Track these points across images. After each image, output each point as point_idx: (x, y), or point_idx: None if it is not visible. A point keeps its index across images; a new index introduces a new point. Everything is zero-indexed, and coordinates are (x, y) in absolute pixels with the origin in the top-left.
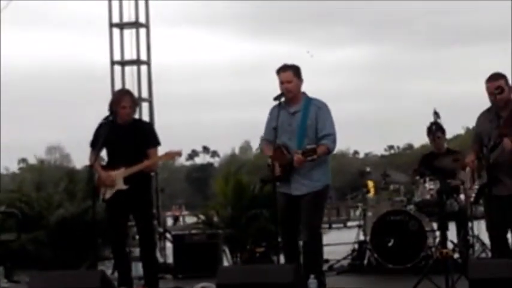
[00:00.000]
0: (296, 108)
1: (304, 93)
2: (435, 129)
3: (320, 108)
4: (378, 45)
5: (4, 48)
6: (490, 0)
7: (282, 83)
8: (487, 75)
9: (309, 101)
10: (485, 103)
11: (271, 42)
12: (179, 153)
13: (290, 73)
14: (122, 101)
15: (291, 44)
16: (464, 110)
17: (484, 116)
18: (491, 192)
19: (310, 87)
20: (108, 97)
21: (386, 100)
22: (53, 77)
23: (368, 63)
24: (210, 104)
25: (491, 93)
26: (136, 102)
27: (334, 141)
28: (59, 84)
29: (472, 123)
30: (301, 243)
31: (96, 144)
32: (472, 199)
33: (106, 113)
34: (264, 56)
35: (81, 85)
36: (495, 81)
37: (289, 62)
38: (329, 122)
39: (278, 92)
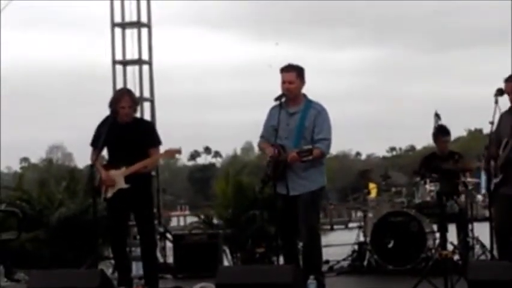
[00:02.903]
0: (295, 109)
1: (304, 96)
2: (442, 133)
3: (320, 113)
4: (381, 47)
5: (6, 48)
6: (493, 1)
7: (283, 82)
8: (489, 77)
9: (309, 103)
10: (488, 105)
11: (273, 43)
12: (179, 151)
13: (293, 74)
14: (121, 101)
15: (295, 46)
16: (466, 111)
17: (503, 117)
18: (501, 191)
19: (313, 88)
20: (110, 97)
21: (389, 102)
22: (55, 77)
23: (371, 65)
24: (212, 104)
25: (508, 93)
26: (136, 101)
27: (328, 146)
28: (61, 84)
29: (473, 125)
30: (300, 244)
31: (96, 143)
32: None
33: (107, 112)
34: (267, 57)
35: (83, 84)
36: None
37: (289, 62)
38: (326, 127)
39: (279, 92)
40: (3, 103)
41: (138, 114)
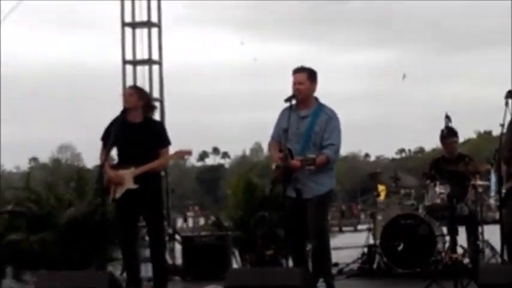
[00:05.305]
0: (306, 112)
1: (316, 99)
2: (449, 134)
3: (331, 119)
4: (391, 49)
5: (16, 48)
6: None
7: (294, 84)
8: (499, 79)
9: (321, 108)
10: (498, 107)
11: (285, 44)
12: (189, 153)
13: (304, 75)
14: (125, 93)
15: (306, 46)
16: (475, 114)
17: None
18: None
19: (322, 89)
20: (119, 97)
21: (398, 104)
22: (64, 76)
23: (381, 67)
24: (221, 105)
25: None
26: (145, 96)
27: (336, 152)
28: (71, 84)
29: (483, 127)
30: (309, 246)
31: (106, 139)
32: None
33: (117, 113)
34: (276, 58)
35: (93, 85)
36: None
37: (303, 63)
38: (336, 133)
39: (290, 93)
40: (14, 103)
41: None
